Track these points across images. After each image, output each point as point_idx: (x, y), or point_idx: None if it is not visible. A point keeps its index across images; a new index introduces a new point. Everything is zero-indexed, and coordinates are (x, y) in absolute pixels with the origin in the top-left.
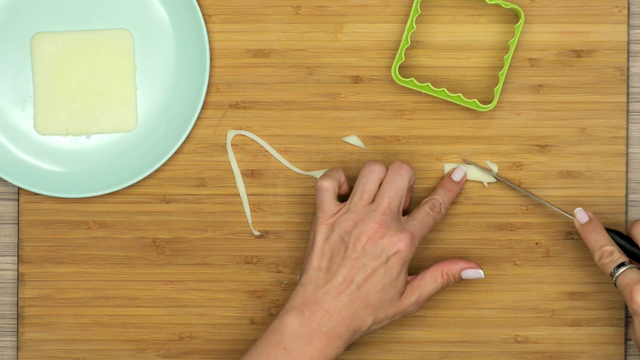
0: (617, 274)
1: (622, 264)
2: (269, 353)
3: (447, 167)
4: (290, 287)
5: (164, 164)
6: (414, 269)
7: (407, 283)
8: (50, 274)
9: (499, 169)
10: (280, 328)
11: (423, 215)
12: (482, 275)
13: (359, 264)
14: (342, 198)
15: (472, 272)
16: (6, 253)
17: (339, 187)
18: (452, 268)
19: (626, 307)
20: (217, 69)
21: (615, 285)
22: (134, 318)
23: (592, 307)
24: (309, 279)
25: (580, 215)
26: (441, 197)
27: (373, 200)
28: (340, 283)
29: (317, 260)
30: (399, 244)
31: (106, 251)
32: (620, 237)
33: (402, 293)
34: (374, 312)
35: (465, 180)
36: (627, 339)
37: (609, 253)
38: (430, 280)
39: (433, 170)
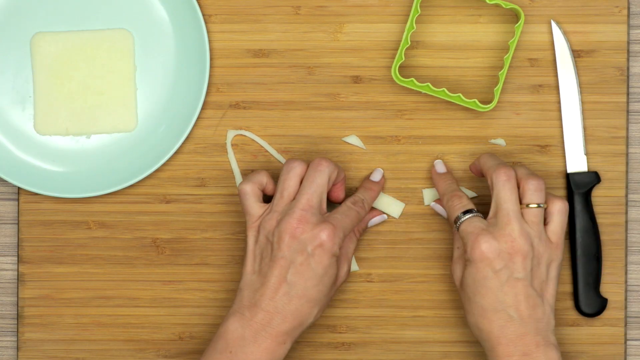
0: (463, 219)
1: (469, 211)
2: (214, 347)
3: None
4: None
5: (164, 164)
6: (416, 272)
7: (346, 261)
8: (50, 274)
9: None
10: (224, 334)
11: (345, 209)
12: (386, 218)
13: (286, 262)
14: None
15: (377, 219)
16: (6, 253)
17: (263, 189)
18: (362, 227)
19: (625, 307)
20: (217, 69)
21: (458, 230)
22: (134, 318)
23: None
24: (245, 283)
25: (439, 167)
26: (362, 195)
27: (294, 198)
28: (273, 284)
29: (250, 264)
30: (320, 236)
31: (106, 251)
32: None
33: (336, 276)
34: (317, 304)
35: (384, 181)
36: (626, 339)
37: (459, 197)
38: (349, 244)
39: (430, 169)
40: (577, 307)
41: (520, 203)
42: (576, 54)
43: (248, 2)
